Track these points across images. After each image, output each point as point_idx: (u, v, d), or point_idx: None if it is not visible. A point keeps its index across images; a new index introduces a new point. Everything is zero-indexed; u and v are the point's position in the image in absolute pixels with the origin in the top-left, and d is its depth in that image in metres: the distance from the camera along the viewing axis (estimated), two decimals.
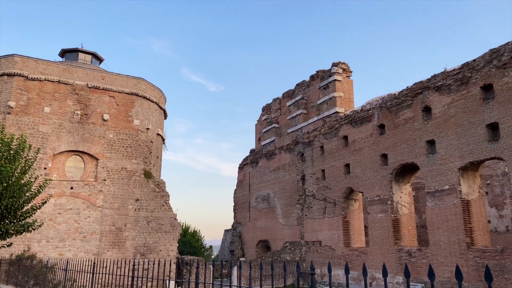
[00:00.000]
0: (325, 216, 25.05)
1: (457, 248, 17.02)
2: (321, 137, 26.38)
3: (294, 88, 31.12)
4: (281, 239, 28.70)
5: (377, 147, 21.77)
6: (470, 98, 17.27)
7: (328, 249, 24.38)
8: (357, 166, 22.99)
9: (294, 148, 29.11)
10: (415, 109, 19.85)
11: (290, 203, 28.63)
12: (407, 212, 20.90)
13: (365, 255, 21.69)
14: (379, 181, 21.40)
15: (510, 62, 15.91)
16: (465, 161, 17.14)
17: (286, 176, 29.58)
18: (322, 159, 25.96)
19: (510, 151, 15.52)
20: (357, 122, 23.43)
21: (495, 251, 15.71)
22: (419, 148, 19.32)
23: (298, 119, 29.47)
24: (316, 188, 26.15)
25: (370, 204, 21.83)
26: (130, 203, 21.59)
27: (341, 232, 23.59)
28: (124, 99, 23.00)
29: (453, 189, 17.49)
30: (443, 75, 18.69)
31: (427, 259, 18.12)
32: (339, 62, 26.72)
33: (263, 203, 32.00)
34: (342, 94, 26.41)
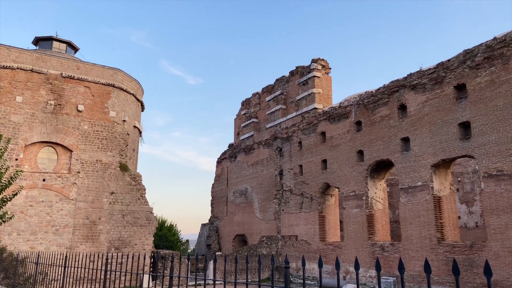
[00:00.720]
0: (301, 211, 25.31)
1: (428, 243, 17.52)
2: (299, 133, 26.56)
3: (273, 84, 31.18)
4: (258, 234, 28.85)
5: (354, 144, 22.10)
6: (444, 97, 17.73)
7: (304, 244, 24.67)
8: (334, 162, 23.29)
9: (272, 143, 29.22)
10: (391, 106, 20.23)
11: (267, 197, 28.78)
12: (381, 207, 21.35)
13: (340, 249, 22.06)
14: (355, 177, 21.75)
15: (483, 63, 16.40)
16: (438, 158, 17.62)
17: (264, 171, 29.69)
18: (300, 155, 26.17)
19: (481, 150, 16.04)
20: (335, 118, 23.70)
21: (464, 246, 16.25)
22: (394, 145, 19.72)
23: (277, 114, 29.57)
24: (293, 183, 26.36)
25: (346, 199, 22.18)
26: (104, 196, 21.22)
27: (317, 226, 23.90)
28: (100, 90, 22.50)
29: (426, 185, 17.97)
30: (419, 74, 19.10)
31: (399, 254, 18.59)
32: (318, 58, 26.91)
33: (240, 198, 32.04)
34: (320, 91, 26.63)
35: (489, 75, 16.10)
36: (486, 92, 16.13)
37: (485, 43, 16.56)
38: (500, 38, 16.05)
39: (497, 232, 15.11)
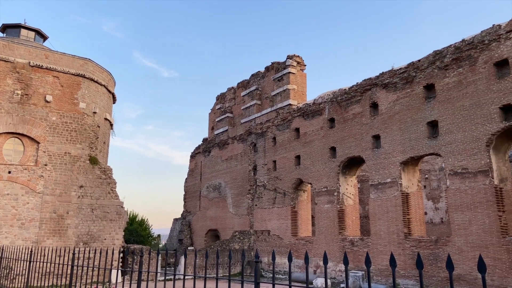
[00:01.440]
0: (274, 206, 25.49)
1: (395, 237, 18.03)
2: (274, 129, 26.68)
3: (249, 79, 31.13)
4: (231, 228, 28.87)
5: (327, 140, 22.40)
6: (414, 96, 18.21)
7: (276, 238, 24.87)
8: (307, 158, 23.55)
9: (247, 138, 29.23)
10: (363, 104, 20.61)
11: (241, 192, 28.81)
12: (352, 203, 21.78)
13: (311, 244, 22.38)
14: (327, 173, 22.07)
15: (451, 64, 16.93)
16: (407, 156, 18.11)
17: (238, 166, 29.68)
18: (274, 150, 26.31)
19: (447, 148, 16.60)
20: (309, 115, 23.93)
21: (429, 241, 16.82)
22: (366, 142, 20.12)
23: (252, 109, 29.58)
24: (267, 178, 26.49)
25: (318, 195, 22.49)
26: (73, 190, 20.66)
27: (289, 221, 24.14)
28: (70, 80, 21.82)
29: (395, 182, 18.46)
30: (390, 73, 19.53)
31: (368, 248, 19.04)
32: (293, 55, 27.05)
33: (214, 193, 31.93)
34: (295, 87, 26.81)
35: (457, 76, 16.66)
36: (453, 92, 16.68)
37: (453, 44, 17.10)
38: (468, 40, 16.61)
39: (461, 227, 15.72)
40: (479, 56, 16.00)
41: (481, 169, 15.37)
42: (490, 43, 15.72)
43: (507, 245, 14.27)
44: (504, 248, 14.33)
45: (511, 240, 14.24)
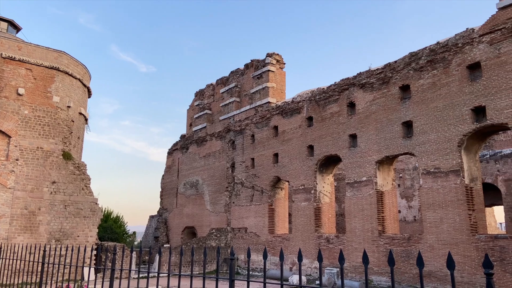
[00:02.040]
0: (252, 203, 25.53)
1: (370, 235, 18.36)
2: (252, 126, 26.68)
3: (228, 76, 31.01)
4: (208, 226, 28.75)
5: (305, 139, 22.58)
6: (390, 96, 18.56)
7: (253, 236, 24.93)
8: (285, 156, 23.67)
9: (225, 135, 29.13)
10: (341, 104, 20.86)
11: (218, 190, 28.71)
12: (328, 201, 22.05)
13: (287, 241, 22.54)
14: (304, 171, 22.25)
15: (426, 65, 17.33)
16: (382, 155, 18.46)
17: (216, 163, 29.56)
18: (253, 148, 26.32)
19: (421, 148, 17.01)
20: (288, 113, 24.05)
21: (402, 239, 17.21)
22: (342, 141, 20.39)
23: (231, 106, 29.48)
24: (245, 176, 26.49)
25: (295, 192, 22.66)
26: (45, 186, 20.09)
27: (267, 219, 24.23)
28: (43, 73, 21.18)
29: (370, 180, 18.78)
30: (368, 74, 19.84)
31: (343, 245, 19.33)
32: (273, 53, 27.10)
33: (191, 190, 31.70)
34: (274, 85, 26.88)
35: (431, 77, 17.07)
36: (428, 93, 17.09)
37: (429, 47, 17.50)
38: (442, 43, 17.03)
39: (433, 225, 16.15)
40: (453, 59, 16.44)
41: (452, 168, 15.82)
42: (463, 46, 16.17)
43: (476, 243, 14.75)
44: (473, 245, 14.81)
45: (480, 238, 14.74)
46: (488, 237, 14.63)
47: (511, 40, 14.75)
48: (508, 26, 14.87)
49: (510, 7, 14.98)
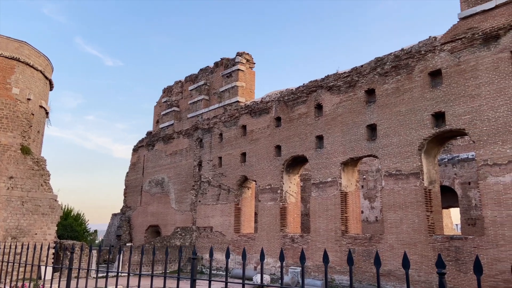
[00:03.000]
0: (218, 202, 25.42)
1: (333, 235, 18.73)
2: (220, 125, 26.57)
3: (197, 73, 30.72)
4: (173, 225, 28.37)
5: (273, 139, 22.72)
6: (356, 100, 19.00)
7: (219, 235, 24.84)
8: (253, 155, 23.73)
9: (193, 133, 28.85)
10: (309, 105, 21.14)
11: (184, 188, 28.39)
12: (294, 201, 22.30)
13: (253, 240, 22.61)
14: (271, 171, 22.40)
15: (391, 71, 17.87)
16: (347, 156, 18.87)
17: (183, 161, 29.22)
18: (220, 147, 26.22)
19: (384, 150, 17.52)
20: (256, 113, 24.12)
21: (364, 239, 17.67)
22: (309, 142, 20.68)
23: (199, 104, 29.23)
24: (212, 174, 26.34)
25: (262, 192, 22.76)
26: (2, 181, 19.15)
27: (233, 218, 24.20)
28: (2, 63, 20.18)
29: (335, 181, 19.16)
30: (335, 77, 20.22)
31: (307, 245, 19.61)
32: (243, 52, 27.10)
33: (156, 188, 31.17)
34: (244, 84, 26.89)
35: (395, 82, 17.62)
36: (391, 98, 17.63)
37: (394, 53, 18.06)
38: (407, 49, 17.62)
39: (393, 226, 16.68)
40: (416, 65, 17.05)
41: (413, 171, 16.40)
42: (426, 53, 16.80)
43: (433, 243, 15.37)
44: (430, 245, 15.41)
45: (437, 238, 15.36)
46: (444, 238, 15.28)
47: (471, 50, 15.46)
48: (468, 35, 15.58)
49: (471, 18, 15.70)
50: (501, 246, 13.60)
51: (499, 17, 14.88)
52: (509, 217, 13.55)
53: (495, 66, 14.69)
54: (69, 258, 5.87)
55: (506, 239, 13.53)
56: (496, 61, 14.68)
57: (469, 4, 15.86)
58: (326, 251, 3.55)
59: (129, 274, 5.03)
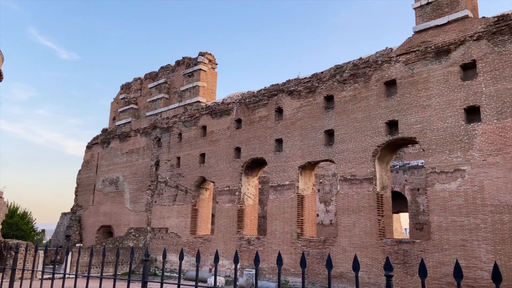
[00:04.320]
0: (175, 203, 25.01)
1: (289, 237, 18.97)
2: (180, 124, 26.18)
3: (158, 71, 30.12)
4: (126, 225, 27.56)
5: (233, 140, 22.69)
6: (315, 105, 19.40)
7: (174, 236, 24.42)
8: (212, 156, 23.57)
9: (151, 132, 28.22)
10: (269, 108, 21.33)
11: (140, 188, 27.68)
12: (252, 203, 22.38)
13: (209, 242, 22.42)
14: (230, 173, 22.35)
15: (349, 78, 18.42)
16: (305, 160, 19.21)
17: (140, 160, 28.49)
18: (179, 147, 25.82)
19: (340, 155, 18.01)
20: (217, 114, 24.00)
21: (319, 241, 18.04)
22: (269, 145, 20.85)
23: (159, 103, 28.65)
24: (169, 175, 25.87)
25: (220, 193, 22.65)
26: None
27: (189, 219, 23.89)
28: None
29: (292, 184, 19.43)
30: (296, 81, 20.55)
31: (263, 247, 19.73)
32: (206, 52, 26.90)
33: (110, 187, 30.16)
34: (205, 84, 26.68)
35: (353, 90, 18.19)
36: (349, 105, 18.16)
37: (352, 61, 18.64)
38: (365, 58, 18.24)
39: (346, 229, 17.16)
40: (373, 75, 17.68)
41: (367, 176, 16.96)
42: (382, 63, 17.47)
43: (383, 246, 15.96)
44: (380, 249, 16.00)
45: (387, 242, 15.97)
46: (394, 241, 15.92)
47: (423, 62, 16.26)
48: (421, 49, 16.37)
49: (425, 32, 16.52)
50: (445, 250, 14.37)
51: (451, 32, 15.77)
52: (454, 223, 14.35)
53: (445, 79, 15.53)
54: (13, 258, 5.56)
55: (450, 243, 14.31)
56: (446, 74, 15.54)
57: (424, 18, 16.70)
58: (280, 253, 3.57)
59: (77, 276, 4.81)
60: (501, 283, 2.67)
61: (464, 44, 15.26)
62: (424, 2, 16.76)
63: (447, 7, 16.05)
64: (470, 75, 15.15)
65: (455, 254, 14.03)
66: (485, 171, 13.95)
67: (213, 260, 14.03)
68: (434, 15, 16.39)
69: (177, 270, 23.28)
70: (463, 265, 13.66)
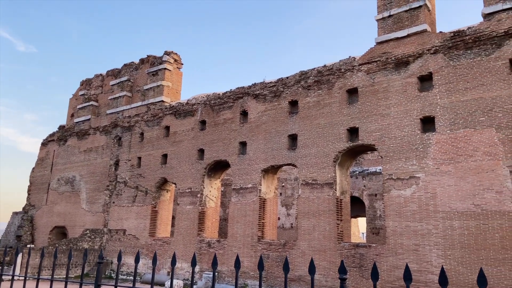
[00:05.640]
0: (134, 204, 24.40)
1: (250, 240, 19.00)
2: (142, 124, 25.62)
3: (121, 68, 29.35)
4: (82, 226, 26.57)
5: (196, 142, 22.47)
6: (280, 109, 19.61)
7: (132, 238, 23.80)
8: (175, 157, 23.22)
9: (111, 131, 27.41)
10: (234, 111, 21.32)
11: (98, 188, 26.78)
12: (214, 205, 22.23)
13: (168, 245, 22.03)
14: (193, 174, 22.10)
15: (313, 85, 18.77)
16: (268, 164, 19.34)
17: (98, 159, 27.58)
18: (140, 147, 25.25)
19: (302, 160, 18.28)
20: (181, 114, 23.70)
21: (279, 245, 18.19)
22: (233, 148, 20.82)
23: (121, 101, 27.90)
24: (129, 175, 25.22)
25: (181, 195, 22.34)
26: None
27: (148, 221, 23.38)
28: None
29: (255, 188, 19.50)
30: (262, 85, 20.69)
31: (223, 250, 19.64)
32: (171, 51, 26.52)
33: (66, 186, 28.98)
34: (170, 84, 26.29)
35: (317, 96, 18.55)
36: (312, 111, 18.50)
37: (317, 68, 19.01)
38: (329, 66, 18.66)
39: (306, 233, 17.41)
40: (336, 82, 18.12)
41: (327, 181, 17.32)
42: (345, 72, 17.94)
43: (341, 250, 16.33)
44: (338, 252, 16.36)
45: (345, 245, 16.36)
46: (351, 245, 16.33)
47: (384, 72, 16.86)
48: (382, 59, 16.97)
49: (386, 43, 17.14)
50: (399, 254, 14.91)
51: (410, 45, 16.46)
52: (408, 228, 14.92)
53: (403, 89, 16.18)
54: None
55: (404, 247, 14.87)
56: (405, 85, 16.19)
57: (385, 30, 17.33)
58: (238, 256, 3.57)
59: (26, 278, 4.58)
60: (447, 287, 2.80)
61: (422, 57, 15.97)
62: (386, 15, 17.41)
63: (407, 21, 16.74)
64: (426, 87, 15.87)
65: (408, 258, 14.59)
66: (438, 179, 14.63)
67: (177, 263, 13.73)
68: (395, 28, 17.05)
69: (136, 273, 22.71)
70: (415, 269, 14.23)
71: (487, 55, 14.55)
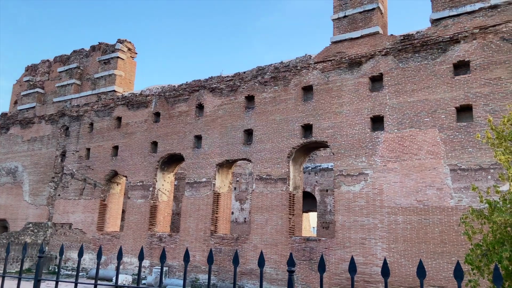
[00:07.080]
0: (81, 197, 23.41)
1: (202, 234, 18.89)
2: (92, 114, 24.58)
3: (70, 54, 27.91)
4: (24, 219, 25.12)
5: (150, 134, 21.93)
6: (236, 104, 19.58)
7: (79, 232, 22.86)
8: (126, 149, 22.52)
9: (58, 120, 26.06)
10: (190, 104, 21.01)
11: (42, 180, 25.41)
12: (166, 199, 21.85)
13: (117, 239, 21.39)
14: (145, 167, 21.57)
15: (269, 81, 18.91)
16: (223, 158, 19.28)
17: (43, 149, 26.16)
18: (90, 137, 24.22)
19: (257, 155, 18.40)
20: (134, 105, 23.00)
21: (231, 239, 18.24)
22: (188, 141, 20.54)
23: (69, 89, 26.58)
24: (77, 167, 24.14)
25: (132, 189, 21.74)
26: None
27: (96, 215, 22.54)
28: None
29: (209, 182, 19.38)
30: (219, 79, 20.53)
31: (175, 244, 19.38)
32: (125, 40, 25.60)
33: (7, 177, 27.25)
34: (123, 74, 25.40)
35: (273, 92, 18.71)
36: (268, 106, 18.65)
37: (274, 64, 19.16)
38: (286, 63, 18.87)
39: (259, 227, 17.59)
40: (292, 79, 18.37)
41: (281, 176, 17.57)
42: (301, 69, 18.23)
43: (292, 244, 16.67)
44: (289, 246, 16.68)
45: (296, 239, 16.71)
46: (302, 239, 16.71)
47: (338, 71, 17.31)
48: (337, 58, 17.42)
49: (341, 43, 17.60)
50: (347, 248, 15.46)
51: (363, 46, 17.01)
52: (356, 222, 15.50)
53: (355, 89, 16.72)
54: None
55: (351, 241, 15.44)
56: (357, 85, 16.73)
57: (340, 30, 17.78)
58: (187, 250, 3.53)
59: None
60: (388, 278, 2.94)
61: (374, 58, 16.57)
62: (341, 15, 17.86)
63: (361, 22, 17.29)
64: (377, 87, 16.50)
65: (355, 251, 15.18)
66: (385, 175, 15.31)
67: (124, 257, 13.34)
68: (349, 28, 17.54)
69: (80, 269, 21.83)
70: (361, 262, 14.83)
71: (433, 59, 15.37)
